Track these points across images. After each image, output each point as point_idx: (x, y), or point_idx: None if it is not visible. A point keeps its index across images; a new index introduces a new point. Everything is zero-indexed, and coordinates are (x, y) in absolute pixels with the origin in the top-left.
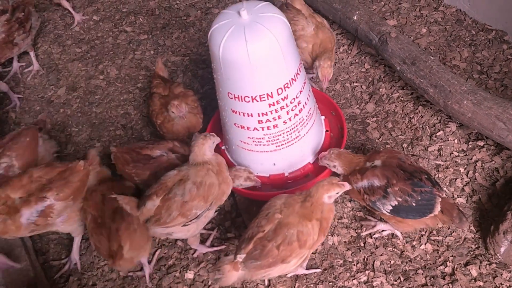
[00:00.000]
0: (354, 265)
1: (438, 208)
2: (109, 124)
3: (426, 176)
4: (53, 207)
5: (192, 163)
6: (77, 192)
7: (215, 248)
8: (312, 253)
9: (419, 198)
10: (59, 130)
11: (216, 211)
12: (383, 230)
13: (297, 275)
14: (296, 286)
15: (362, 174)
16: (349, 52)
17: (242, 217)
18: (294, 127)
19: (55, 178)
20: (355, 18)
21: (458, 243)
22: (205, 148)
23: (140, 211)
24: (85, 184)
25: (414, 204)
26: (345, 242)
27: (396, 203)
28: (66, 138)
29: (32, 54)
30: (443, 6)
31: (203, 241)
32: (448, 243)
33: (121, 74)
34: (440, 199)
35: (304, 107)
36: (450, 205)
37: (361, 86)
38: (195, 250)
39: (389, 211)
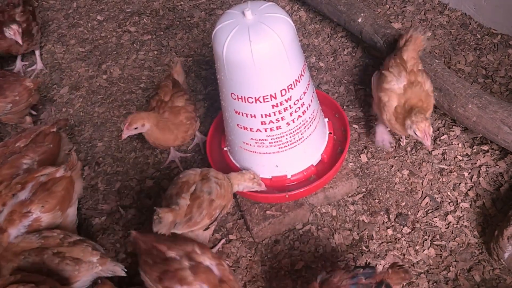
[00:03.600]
0: None
1: None
2: (111, 124)
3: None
4: (41, 219)
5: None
6: (63, 201)
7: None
8: (314, 256)
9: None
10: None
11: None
12: None
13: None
14: None
15: None
16: (354, 54)
17: (244, 218)
18: (297, 129)
19: (38, 190)
20: (360, 20)
21: (461, 248)
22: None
23: (176, 211)
24: (70, 193)
25: None
26: (347, 245)
27: None
28: (68, 138)
29: (37, 53)
30: (448, 9)
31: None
32: (451, 248)
33: (124, 74)
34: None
35: (307, 109)
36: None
37: (365, 89)
38: None
39: None
